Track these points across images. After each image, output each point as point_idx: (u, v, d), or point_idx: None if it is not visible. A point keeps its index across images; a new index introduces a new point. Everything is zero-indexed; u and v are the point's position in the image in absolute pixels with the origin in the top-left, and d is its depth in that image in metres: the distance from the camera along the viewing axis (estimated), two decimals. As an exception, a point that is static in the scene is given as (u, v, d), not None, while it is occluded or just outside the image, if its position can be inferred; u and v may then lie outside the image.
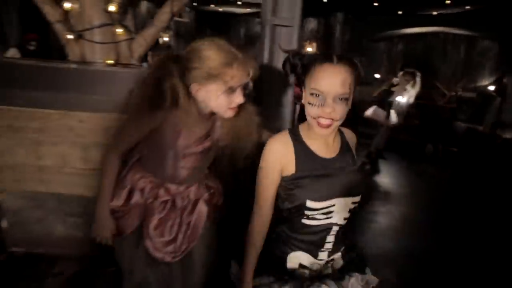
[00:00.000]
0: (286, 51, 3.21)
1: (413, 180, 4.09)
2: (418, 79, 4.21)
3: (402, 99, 4.22)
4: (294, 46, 1.72)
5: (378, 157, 4.22)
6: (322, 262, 1.08)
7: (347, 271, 1.10)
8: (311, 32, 8.08)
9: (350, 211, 1.04)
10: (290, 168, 1.00)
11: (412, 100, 4.29)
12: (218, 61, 1.00)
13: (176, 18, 1.98)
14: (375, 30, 7.29)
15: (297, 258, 1.06)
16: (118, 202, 1.17)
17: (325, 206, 0.99)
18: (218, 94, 1.04)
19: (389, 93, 4.39)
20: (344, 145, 1.07)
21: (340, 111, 0.92)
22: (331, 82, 0.91)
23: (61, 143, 1.86)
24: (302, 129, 1.05)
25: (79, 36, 1.85)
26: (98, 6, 1.83)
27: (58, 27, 1.85)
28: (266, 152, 1.03)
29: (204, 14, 8.19)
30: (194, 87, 1.04)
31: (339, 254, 1.11)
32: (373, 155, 4.22)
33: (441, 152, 5.02)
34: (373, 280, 1.12)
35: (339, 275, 1.09)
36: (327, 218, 1.01)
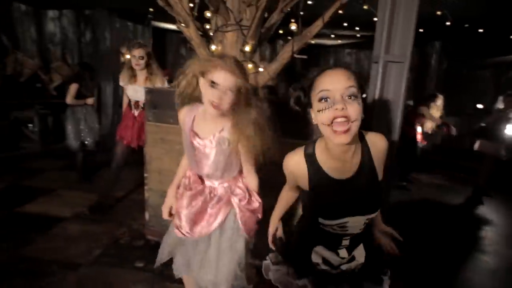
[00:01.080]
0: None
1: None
2: None
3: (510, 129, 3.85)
4: (403, 81, 1.88)
5: (481, 194, 3.90)
6: (343, 260, 1.09)
7: (364, 276, 1.11)
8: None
9: (364, 223, 1.03)
10: (304, 185, 1.01)
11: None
12: (206, 58, 1.26)
13: (296, 55, 2.36)
14: (476, 57, 6.81)
15: (321, 252, 1.09)
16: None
17: (337, 223, 1.00)
18: (205, 88, 1.22)
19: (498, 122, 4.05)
20: (365, 159, 0.98)
21: (353, 110, 0.85)
22: (335, 79, 0.88)
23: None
24: (318, 147, 1.00)
25: (219, 71, 2.38)
26: (236, 47, 2.34)
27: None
28: (283, 166, 1.07)
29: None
30: (200, 82, 1.26)
31: (361, 251, 1.10)
32: (477, 192, 3.92)
33: None
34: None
35: (357, 280, 1.10)
36: (342, 230, 1.03)
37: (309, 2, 4.20)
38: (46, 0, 5.86)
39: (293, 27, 2.35)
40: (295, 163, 1.01)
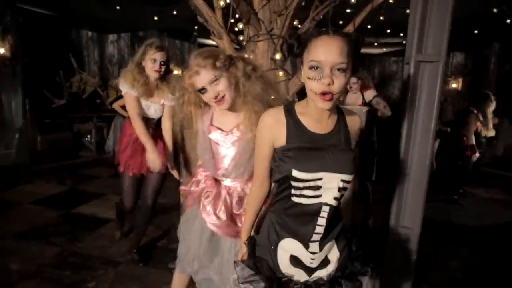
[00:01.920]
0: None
1: None
2: None
3: None
4: (438, 82, 1.78)
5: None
6: (314, 257, 1.03)
7: (339, 283, 1.05)
8: (457, 67, 7.36)
9: (340, 189, 0.98)
10: (281, 140, 1.02)
11: None
12: (183, 74, 1.26)
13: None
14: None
15: (288, 246, 1.03)
16: (183, 186, 1.48)
17: (312, 178, 0.96)
18: (200, 95, 1.25)
19: None
20: (340, 125, 1.05)
21: (338, 82, 0.91)
22: (328, 50, 0.90)
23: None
24: (298, 105, 1.06)
25: (251, 79, 2.45)
26: (267, 55, 2.40)
27: (238, 73, 2.51)
28: (259, 124, 1.06)
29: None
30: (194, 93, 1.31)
31: (335, 253, 1.06)
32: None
33: None
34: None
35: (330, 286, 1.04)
36: (316, 196, 0.98)
37: (348, 10, 4.15)
38: (108, 25, 6.56)
39: (323, 33, 2.35)
40: (274, 116, 1.04)
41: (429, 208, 2.04)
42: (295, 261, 1.04)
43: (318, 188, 0.97)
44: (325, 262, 1.06)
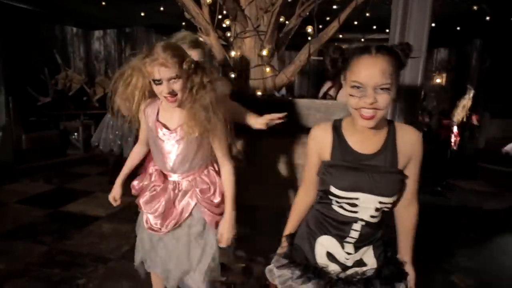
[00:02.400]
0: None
1: None
2: None
3: None
4: (420, 77, 1.85)
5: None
6: (349, 257, 1.06)
7: (374, 284, 1.05)
8: (441, 63, 7.53)
9: (377, 210, 1.01)
10: (326, 155, 1.05)
11: None
12: (139, 60, 1.25)
13: (313, 57, 2.39)
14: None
15: (326, 242, 1.08)
16: (136, 181, 1.48)
17: (348, 196, 1.00)
18: (153, 86, 1.23)
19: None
20: (389, 144, 1.01)
21: (382, 101, 0.90)
22: (370, 73, 0.89)
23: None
24: (345, 122, 1.06)
25: (238, 75, 2.47)
26: (254, 51, 2.42)
27: (225, 69, 2.52)
28: (308, 137, 1.11)
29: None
30: (146, 81, 1.28)
31: (371, 254, 1.08)
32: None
33: None
34: None
35: (366, 285, 1.05)
36: (352, 212, 1.02)
37: (334, 7, 4.21)
38: (93, 21, 6.45)
39: (309, 29, 2.38)
40: (322, 131, 1.08)
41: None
42: (331, 257, 1.09)
43: (355, 205, 1.01)
44: (360, 263, 1.08)
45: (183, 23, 5.77)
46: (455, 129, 4.01)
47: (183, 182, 1.39)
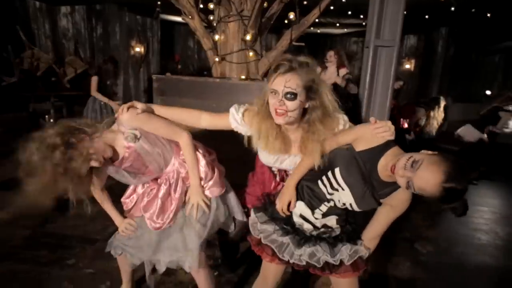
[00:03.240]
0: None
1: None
2: None
3: None
4: (393, 65, 2.00)
5: (482, 178, 3.97)
6: (317, 221, 1.29)
7: (340, 239, 1.29)
8: (410, 49, 7.88)
9: (347, 209, 1.24)
10: (360, 146, 1.16)
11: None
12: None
13: (294, 43, 2.48)
14: (485, 43, 6.73)
15: (299, 208, 1.30)
16: (127, 200, 1.57)
17: (340, 183, 1.19)
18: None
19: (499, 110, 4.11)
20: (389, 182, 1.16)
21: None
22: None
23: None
24: None
25: (222, 59, 2.52)
26: (238, 36, 2.48)
27: (209, 53, 2.56)
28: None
29: (302, 36, 8.83)
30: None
31: (334, 222, 1.29)
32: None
33: None
34: (362, 250, 1.27)
35: (333, 241, 1.28)
36: (330, 193, 1.23)
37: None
38: (59, -4, 6.08)
39: (291, 16, 2.46)
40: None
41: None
42: (304, 218, 1.32)
43: (336, 191, 1.21)
44: (327, 227, 1.31)
45: (158, 2, 5.60)
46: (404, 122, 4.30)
47: (169, 172, 1.46)
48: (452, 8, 4.45)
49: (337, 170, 1.18)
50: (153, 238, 1.48)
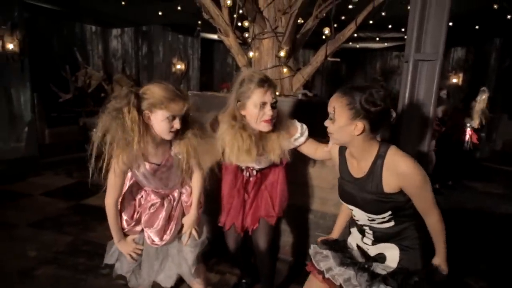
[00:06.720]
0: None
1: None
2: None
3: None
4: (435, 80, 1.86)
5: None
6: (369, 247, 1.27)
7: (383, 278, 1.13)
8: (458, 62, 7.41)
9: (370, 221, 1.21)
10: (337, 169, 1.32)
11: None
12: (162, 94, 1.27)
13: (329, 59, 2.43)
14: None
15: (353, 234, 1.35)
16: (127, 217, 1.53)
17: (348, 207, 1.27)
18: (161, 120, 1.29)
19: None
20: (375, 169, 1.13)
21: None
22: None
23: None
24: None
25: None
26: (272, 53, 2.49)
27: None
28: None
29: (341, 51, 8.72)
30: (145, 114, 1.30)
31: (393, 253, 1.20)
32: None
33: None
34: None
35: (373, 276, 1.15)
36: (355, 219, 1.28)
37: (350, 6, 4.21)
38: (111, 20, 6.62)
39: (326, 31, 2.43)
40: (334, 151, 1.33)
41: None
42: (356, 245, 1.33)
43: (354, 215, 1.28)
44: (381, 256, 1.24)
45: (199, 22, 5.87)
46: (468, 130, 3.98)
47: (175, 193, 1.55)
48: (509, 16, 4.10)
49: (339, 198, 1.30)
50: (155, 257, 1.54)
